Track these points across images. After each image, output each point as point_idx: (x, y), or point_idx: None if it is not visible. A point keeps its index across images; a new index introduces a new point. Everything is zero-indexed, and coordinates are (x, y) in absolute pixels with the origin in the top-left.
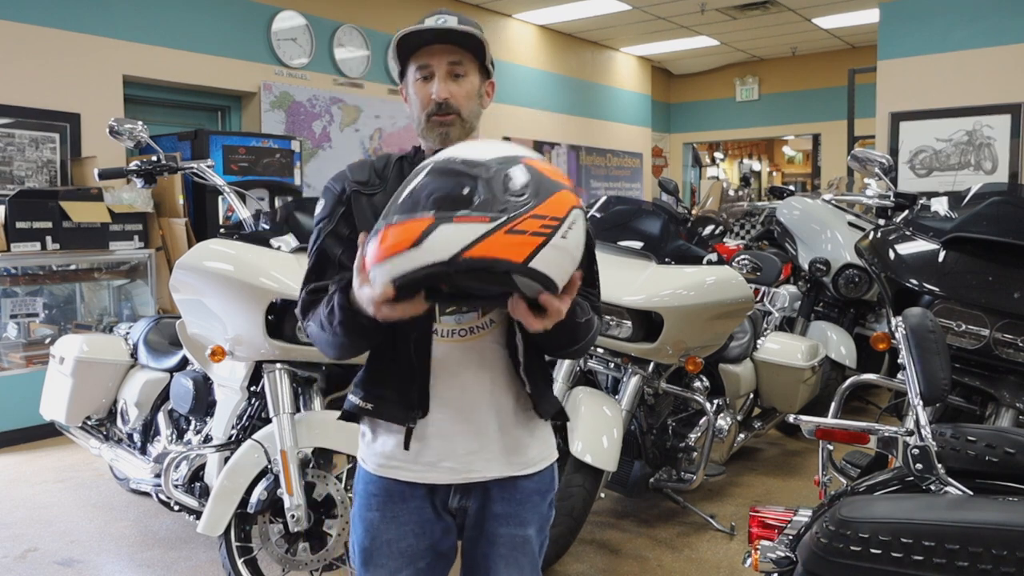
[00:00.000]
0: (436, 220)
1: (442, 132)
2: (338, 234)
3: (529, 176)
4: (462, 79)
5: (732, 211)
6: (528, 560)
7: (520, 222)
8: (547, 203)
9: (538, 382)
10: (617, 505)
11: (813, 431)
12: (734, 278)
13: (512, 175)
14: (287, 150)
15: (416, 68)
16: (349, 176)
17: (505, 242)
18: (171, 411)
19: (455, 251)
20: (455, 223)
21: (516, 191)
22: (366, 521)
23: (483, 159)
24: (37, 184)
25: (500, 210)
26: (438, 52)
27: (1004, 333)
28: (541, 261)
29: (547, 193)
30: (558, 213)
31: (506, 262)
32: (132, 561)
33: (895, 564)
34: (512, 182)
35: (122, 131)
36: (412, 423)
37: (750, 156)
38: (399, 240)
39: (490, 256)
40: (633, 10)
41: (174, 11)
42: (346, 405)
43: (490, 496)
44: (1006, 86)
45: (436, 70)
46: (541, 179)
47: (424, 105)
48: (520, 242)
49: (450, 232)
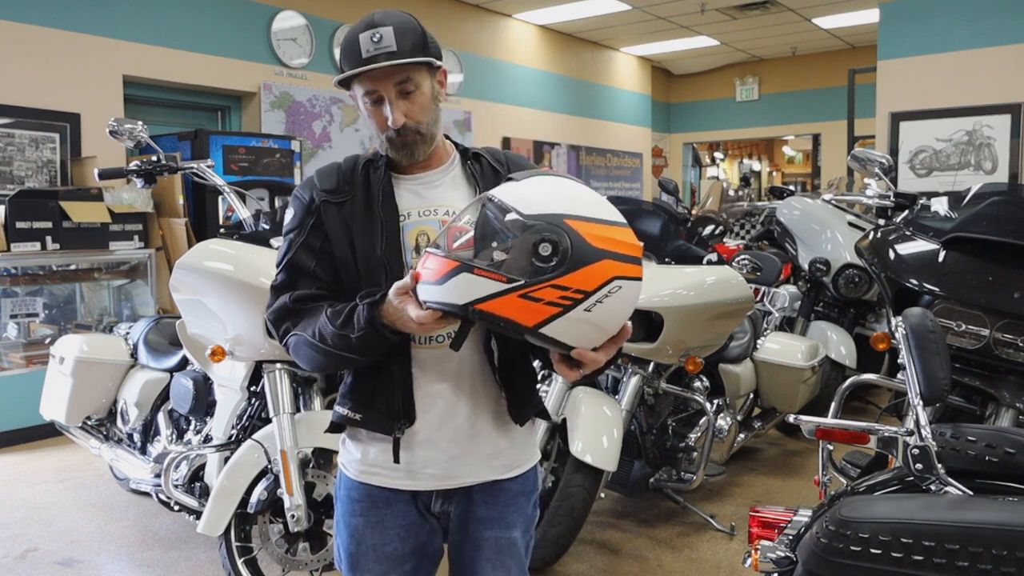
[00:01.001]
0: (461, 265)
1: (407, 152)
2: (309, 246)
3: (563, 244)
4: (413, 94)
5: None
6: (515, 562)
7: (537, 290)
8: (575, 274)
9: (515, 387)
10: (617, 505)
11: (813, 431)
12: (734, 278)
13: (545, 241)
14: (287, 150)
15: (363, 93)
16: (317, 184)
17: (517, 305)
18: (171, 411)
19: (468, 300)
20: (475, 274)
21: (543, 257)
22: (351, 527)
23: (527, 213)
24: (37, 184)
25: (520, 272)
26: (381, 75)
27: (1004, 333)
28: (554, 330)
29: (578, 264)
30: (586, 286)
31: (516, 323)
32: (132, 561)
33: (895, 564)
34: (542, 247)
35: (122, 131)
36: (400, 433)
37: (750, 156)
38: (434, 271)
39: (500, 314)
40: (633, 10)
41: (174, 11)
42: (334, 417)
43: (473, 500)
44: (1006, 86)
45: (384, 95)
46: (580, 247)
47: (382, 128)
48: (533, 309)
49: (468, 281)
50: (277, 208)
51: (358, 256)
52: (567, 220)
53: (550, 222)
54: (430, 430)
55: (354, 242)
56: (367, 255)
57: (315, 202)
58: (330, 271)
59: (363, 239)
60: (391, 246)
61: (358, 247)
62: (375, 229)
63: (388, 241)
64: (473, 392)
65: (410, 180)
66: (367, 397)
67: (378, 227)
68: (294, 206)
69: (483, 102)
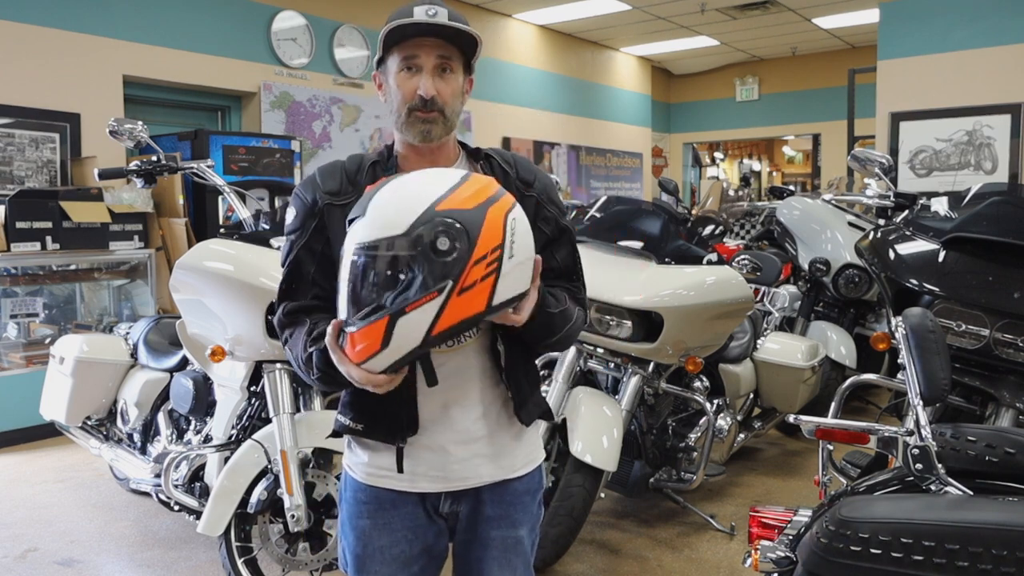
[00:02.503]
0: (391, 318)
1: (424, 129)
2: (311, 248)
3: (451, 227)
4: (449, 76)
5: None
6: (521, 560)
7: (466, 278)
8: (481, 241)
9: (521, 387)
10: (617, 505)
11: (813, 431)
12: (734, 278)
13: (437, 237)
14: (287, 150)
15: (402, 59)
16: (320, 185)
17: (462, 302)
18: (171, 411)
19: (423, 335)
20: (408, 313)
21: (446, 250)
22: (357, 529)
23: (399, 230)
24: (37, 184)
25: (442, 277)
26: (428, 45)
27: (1004, 333)
28: (501, 294)
29: (476, 229)
30: (495, 241)
31: (473, 317)
32: (132, 561)
33: (895, 564)
34: (438, 243)
35: (122, 131)
36: (403, 442)
37: (750, 156)
38: (367, 345)
39: (456, 321)
40: (633, 10)
41: (174, 11)
42: (335, 426)
43: (481, 500)
44: (1006, 86)
45: (424, 64)
46: (464, 218)
47: (407, 99)
48: (475, 293)
49: (409, 322)
50: (277, 208)
51: None
52: (436, 207)
53: (424, 223)
54: (439, 434)
55: None
56: None
57: (318, 203)
58: (329, 276)
59: None
60: None
61: None
62: None
63: None
64: (482, 394)
65: None
66: (369, 408)
67: None
68: (295, 206)
69: (483, 102)
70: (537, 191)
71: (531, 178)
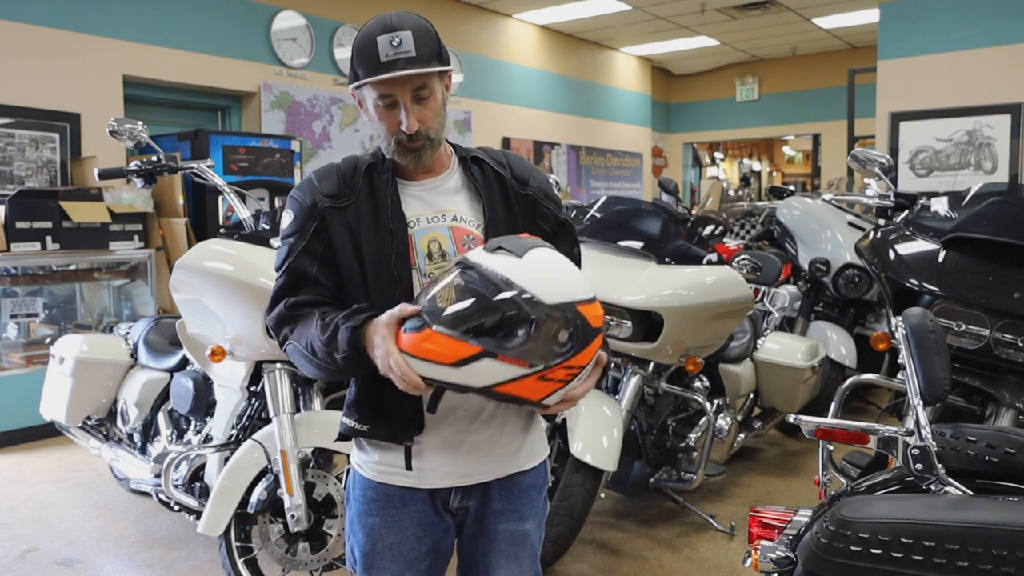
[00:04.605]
0: (482, 352)
1: (414, 156)
2: (311, 251)
3: (580, 330)
4: (427, 100)
5: (732, 211)
6: (528, 554)
7: (553, 371)
8: (581, 354)
9: None
10: (617, 505)
11: (813, 431)
12: (734, 278)
13: (565, 329)
14: (287, 150)
15: (377, 96)
16: (319, 188)
17: (531, 385)
18: (171, 411)
19: (488, 384)
20: (498, 361)
21: (561, 343)
22: (367, 526)
23: (547, 300)
24: (37, 184)
25: (540, 357)
26: (399, 81)
27: (1004, 333)
28: (553, 398)
29: (583, 345)
30: (585, 361)
31: (524, 399)
32: (132, 561)
33: (895, 564)
34: (561, 335)
35: (122, 131)
36: (409, 441)
37: (750, 156)
38: (443, 353)
39: (515, 394)
40: (633, 10)
41: (174, 11)
42: (341, 428)
43: (490, 494)
44: (1006, 86)
45: (399, 99)
46: (587, 330)
47: (392, 131)
48: (543, 386)
49: (491, 367)
50: (277, 208)
51: (366, 264)
52: (578, 307)
53: (567, 311)
54: (448, 433)
55: (361, 250)
56: (377, 263)
57: (317, 206)
58: (331, 276)
59: (372, 247)
60: (401, 255)
61: (366, 255)
62: (385, 238)
63: (398, 251)
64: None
65: (416, 186)
66: (374, 409)
67: (387, 236)
68: (292, 208)
69: (483, 102)
70: (533, 189)
71: (526, 176)
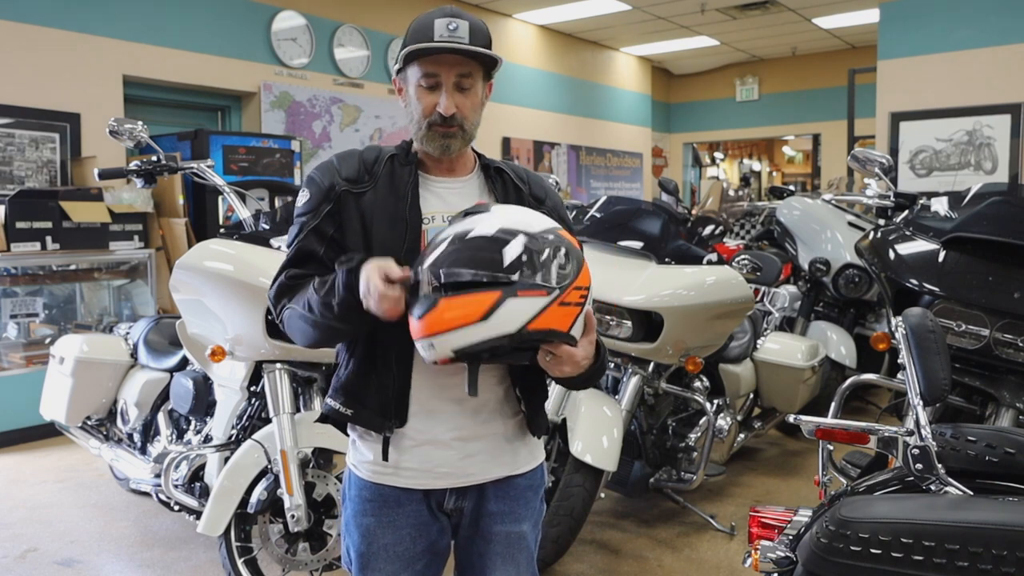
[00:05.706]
0: (503, 295)
1: (443, 144)
2: (321, 231)
3: (572, 249)
4: (469, 91)
5: (732, 211)
6: (524, 556)
7: (567, 295)
8: (582, 274)
9: (532, 399)
10: (617, 505)
11: (813, 431)
12: (734, 278)
13: (562, 249)
14: (287, 150)
15: (422, 74)
16: (338, 171)
17: (558, 314)
18: (171, 411)
19: (521, 324)
20: (520, 296)
21: (562, 264)
22: (362, 527)
23: (533, 229)
24: (37, 184)
25: (554, 284)
26: (448, 62)
27: (1004, 333)
28: (577, 327)
29: (579, 265)
30: (587, 282)
31: (558, 332)
32: (132, 561)
33: (895, 564)
34: (559, 256)
35: (122, 131)
36: (389, 432)
37: (750, 156)
38: (467, 313)
39: (547, 328)
40: (633, 10)
41: (174, 11)
42: (324, 408)
43: (486, 495)
44: (1006, 86)
45: (443, 81)
46: (574, 251)
47: (427, 113)
48: (566, 313)
49: (516, 306)
50: (277, 208)
51: (374, 252)
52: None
53: (553, 234)
54: (443, 431)
55: (371, 237)
56: (385, 253)
57: (335, 189)
58: (336, 259)
59: (383, 236)
60: (412, 249)
61: (376, 243)
62: (399, 230)
63: (410, 244)
64: (494, 401)
65: (437, 183)
66: (361, 394)
67: (402, 228)
68: (310, 189)
69: None
70: (548, 208)
71: (543, 195)
